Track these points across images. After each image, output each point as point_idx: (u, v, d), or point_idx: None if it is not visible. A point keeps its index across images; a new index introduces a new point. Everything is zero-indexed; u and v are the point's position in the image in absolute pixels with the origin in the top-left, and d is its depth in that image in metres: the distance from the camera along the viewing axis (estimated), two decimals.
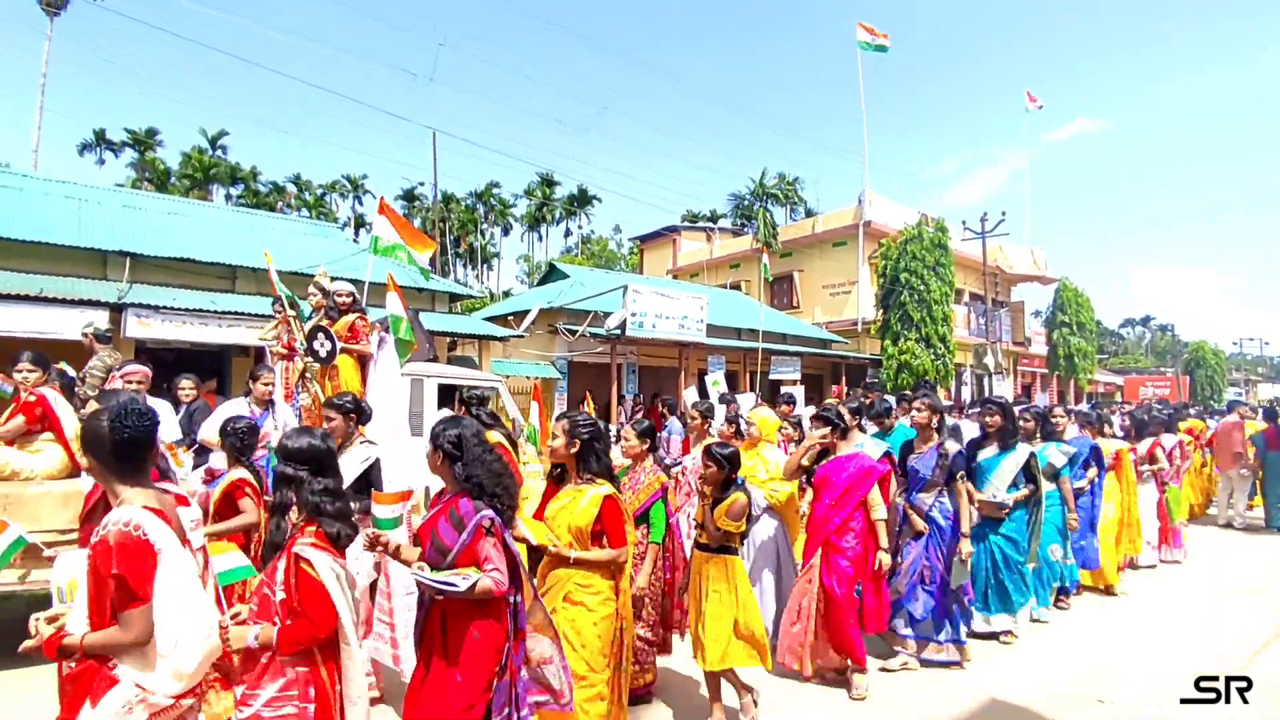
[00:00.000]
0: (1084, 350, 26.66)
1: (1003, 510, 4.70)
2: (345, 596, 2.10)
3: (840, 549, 4.04)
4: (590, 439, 3.10)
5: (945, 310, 19.57)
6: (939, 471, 4.36)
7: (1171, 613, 5.64)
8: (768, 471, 4.63)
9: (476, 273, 51.41)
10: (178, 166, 42.87)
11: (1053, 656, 4.57)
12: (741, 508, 3.51)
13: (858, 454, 4.19)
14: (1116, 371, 44.23)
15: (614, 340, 14.78)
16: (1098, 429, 6.52)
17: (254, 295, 12.16)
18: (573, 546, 2.98)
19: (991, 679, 4.17)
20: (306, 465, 2.23)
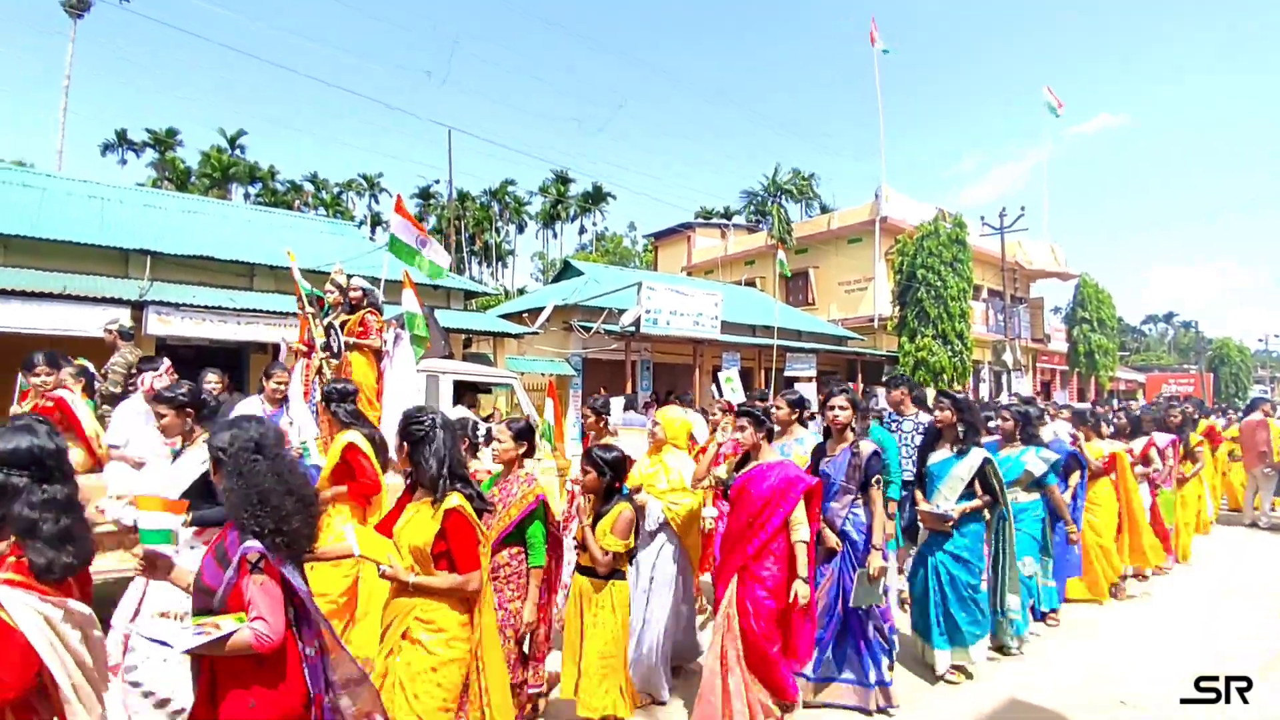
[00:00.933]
0: (1105, 347, 26.28)
1: (946, 523, 4.02)
2: (62, 645, 1.65)
3: (759, 577, 3.34)
4: (422, 439, 2.51)
5: (963, 307, 19.37)
6: (852, 476, 3.73)
7: (1187, 613, 5.52)
8: (669, 481, 3.92)
9: (491, 270, 51.60)
10: (197, 166, 43.36)
11: (1069, 656, 4.50)
12: (628, 522, 3.12)
13: (782, 462, 3.51)
14: (1138, 369, 43.56)
15: (628, 337, 14.77)
16: (1093, 429, 6.18)
17: (271, 293, 12.28)
18: (414, 569, 2.44)
19: (1008, 679, 4.11)
20: (26, 471, 1.77)
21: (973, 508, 4.08)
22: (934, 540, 4.17)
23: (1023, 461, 4.76)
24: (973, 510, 4.09)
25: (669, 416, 4.20)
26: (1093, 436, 6.14)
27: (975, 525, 4.14)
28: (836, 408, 3.82)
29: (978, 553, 4.12)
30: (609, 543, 3.15)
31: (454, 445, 2.54)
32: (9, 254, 10.80)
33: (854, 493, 3.74)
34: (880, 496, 3.73)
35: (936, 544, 4.14)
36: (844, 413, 3.80)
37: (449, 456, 2.48)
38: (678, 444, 4.14)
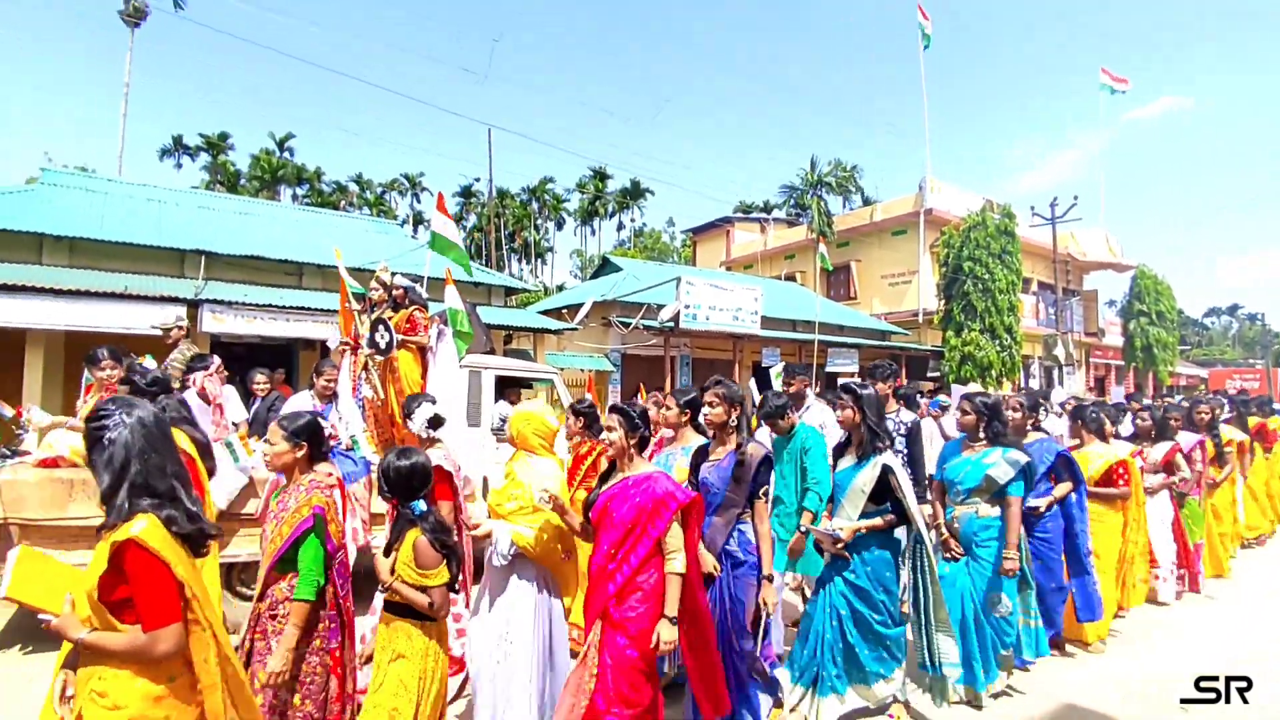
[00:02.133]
0: (1164, 341, 25.23)
1: (837, 545, 3.34)
2: None
3: (620, 623, 2.63)
4: (96, 442, 1.82)
5: (1012, 300, 18.81)
6: (736, 487, 3.10)
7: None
8: (517, 498, 3.11)
9: (530, 267, 52.09)
10: (247, 169, 44.75)
11: (1129, 665, 4.31)
12: (430, 557, 2.46)
13: (650, 476, 2.77)
14: (1200, 363, 41.73)
15: (667, 333, 14.73)
16: (1093, 429, 5.00)
17: (319, 291, 12.59)
18: (90, 623, 1.75)
19: (1063, 679, 3.96)
20: None
21: (871, 526, 3.36)
22: (832, 567, 3.48)
23: (985, 465, 3.75)
24: (874, 530, 3.38)
25: (523, 412, 3.29)
26: (1090, 439, 4.96)
27: (879, 550, 3.40)
28: (708, 404, 3.19)
29: (884, 582, 3.37)
30: (408, 574, 2.50)
31: (151, 447, 1.84)
32: (74, 255, 11.30)
33: (740, 506, 3.11)
34: (766, 512, 3.12)
35: (834, 572, 3.46)
36: (715, 409, 3.17)
37: (136, 464, 1.80)
38: (534, 449, 3.25)
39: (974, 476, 3.77)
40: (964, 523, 3.81)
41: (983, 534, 3.73)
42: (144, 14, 28.44)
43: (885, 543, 3.44)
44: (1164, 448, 5.66)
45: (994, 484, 3.71)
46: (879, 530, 3.38)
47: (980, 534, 3.73)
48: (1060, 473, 4.30)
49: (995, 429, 3.84)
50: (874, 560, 3.39)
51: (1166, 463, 5.62)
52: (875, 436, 3.43)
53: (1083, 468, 4.56)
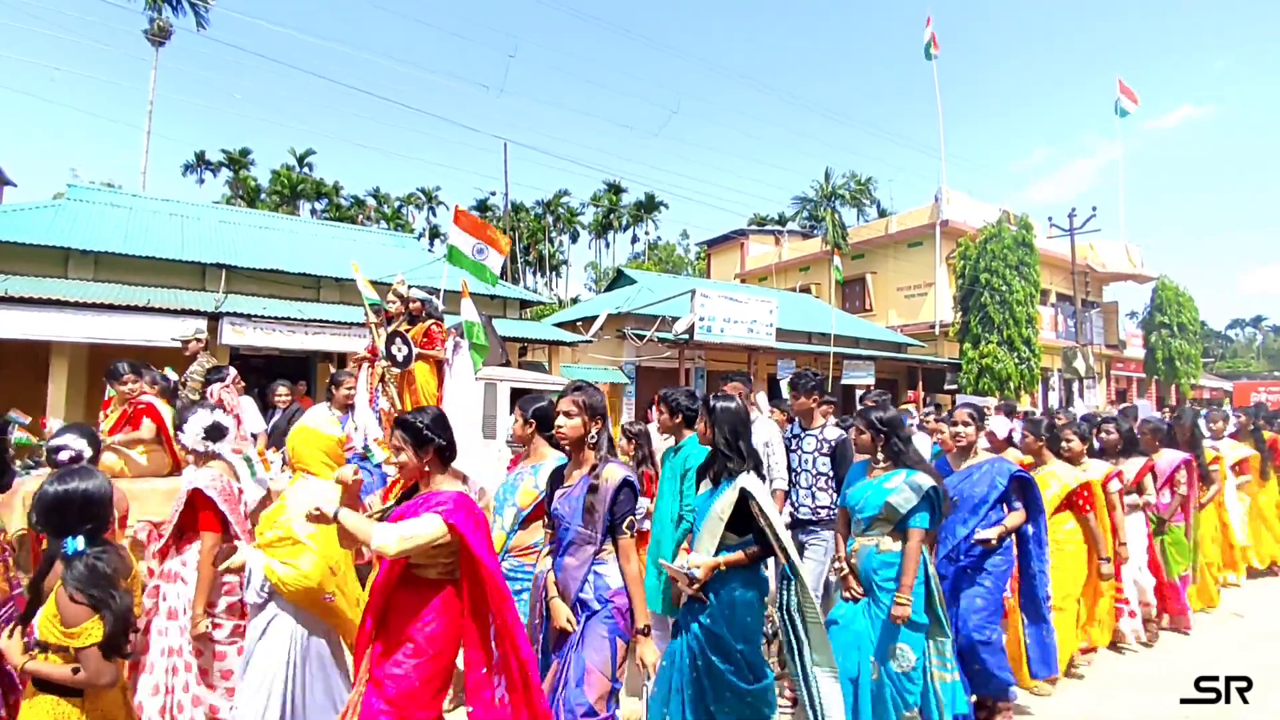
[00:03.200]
0: (1186, 353, 24.82)
1: (693, 586, 2.73)
2: None
3: (380, 681, 2.22)
4: None
5: (1030, 312, 18.61)
6: (590, 518, 2.57)
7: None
8: (282, 526, 2.73)
9: (545, 280, 52.36)
10: (268, 183, 45.50)
11: (1155, 689, 4.20)
12: (72, 611, 1.91)
13: (439, 493, 2.34)
14: (1225, 376, 41.00)
15: (682, 345, 14.72)
16: (1046, 443, 4.36)
17: (337, 304, 12.72)
18: None
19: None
20: None
21: (730, 562, 2.75)
22: (688, 610, 2.85)
23: (885, 490, 3.15)
24: (736, 566, 2.77)
25: (302, 428, 2.93)
26: (1048, 457, 4.33)
27: (740, 590, 2.77)
28: (562, 414, 2.62)
29: (744, 630, 2.75)
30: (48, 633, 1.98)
31: None
32: (99, 269, 11.51)
33: (595, 543, 2.54)
34: (632, 548, 2.54)
35: (690, 615, 2.82)
36: (568, 421, 2.59)
37: None
38: (311, 469, 2.86)
39: (874, 503, 3.18)
40: (863, 558, 3.21)
41: (884, 572, 3.12)
42: (168, 33, 29.10)
43: (748, 581, 2.81)
44: (1136, 466, 4.98)
45: (895, 513, 3.10)
46: (742, 566, 2.78)
47: (881, 572, 3.13)
48: (1013, 498, 3.64)
49: (894, 447, 3.24)
50: (732, 603, 2.75)
51: (1138, 483, 4.96)
52: (729, 456, 2.84)
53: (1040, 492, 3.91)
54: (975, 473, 3.69)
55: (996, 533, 3.53)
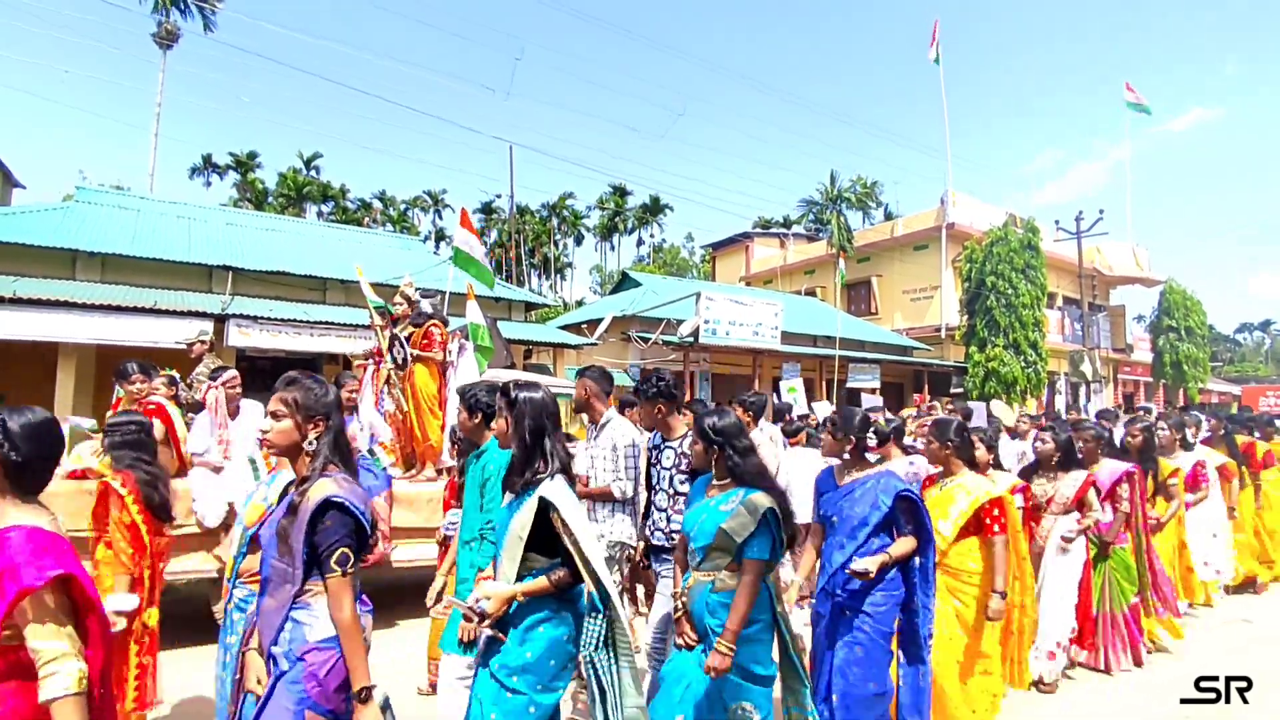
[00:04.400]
0: (1194, 357, 24.69)
1: (484, 622, 2.22)
2: None
3: None
4: None
5: (1036, 315, 18.54)
6: (282, 548, 1.97)
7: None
8: None
9: (550, 283, 52.44)
10: (275, 186, 45.72)
11: (1158, 697, 4.15)
12: None
13: None
14: (1233, 380, 40.74)
15: (687, 348, 14.71)
16: (964, 456, 3.57)
17: (342, 306, 12.75)
18: None
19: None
20: None
21: (532, 591, 2.21)
22: (486, 652, 2.34)
23: (721, 513, 2.53)
24: (537, 596, 2.23)
25: None
26: (958, 467, 3.53)
27: (543, 628, 2.24)
28: (270, 416, 2.02)
29: (540, 675, 2.22)
30: None
31: None
32: (106, 271, 11.57)
33: (295, 580, 1.88)
34: (345, 589, 1.86)
35: (486, 658, 2.32)
36: (279, 425, 1.98)
37: None
38: None
39: (706, 530, 2.56)
40: (695, 596, 2.57)
41: (721, 614, 2.48)
42: (176, 36, 29.27)
43: (554, 616, 2.26)
44: (1075, 480, 4.21)
45: (730, 541, 2.49)
46: (548, 596, 2.24)
47: (718, 613, 2.49)
48: (901, 522, 2.98)
49: (730, 461, 2.60)
50: (531, 640, 2.23)
51: (1079, 500, 4.15)
52: (530, 460, 2.31)
53: (943, 510, 3.38)
54: (858, 488, 3.03)
55: (876, 563, 2.82)
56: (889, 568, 2.90)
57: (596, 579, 2.27)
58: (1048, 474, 4.33)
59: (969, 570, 3.36)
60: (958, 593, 3.36)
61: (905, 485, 3.04)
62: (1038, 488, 4.28)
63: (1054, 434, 4.40)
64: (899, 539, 2.96)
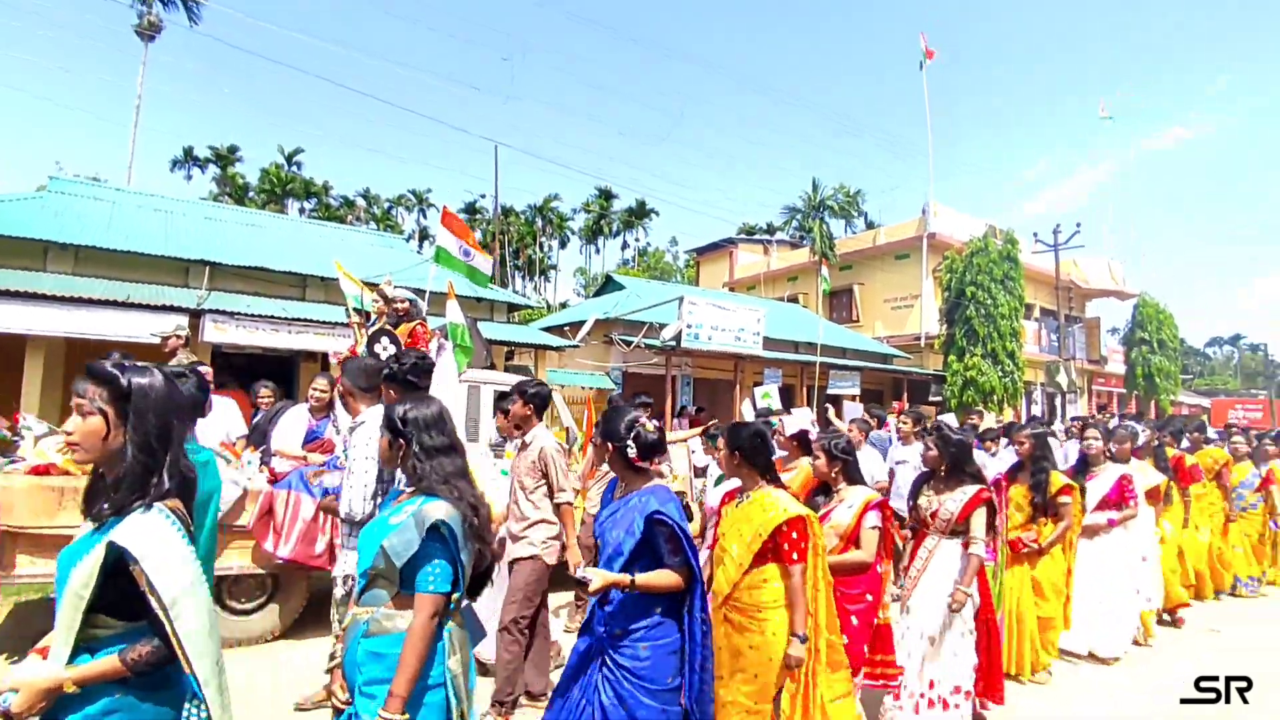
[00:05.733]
0: (1166, 370, 25.16)
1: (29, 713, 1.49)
2: None
3: None
4: None
5: (1014, 326, 18.79)
6: None
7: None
8: None
9: (534, 284, 52.33)
10: (256, 182, 45.21)
11: (1133, 706, 4.22)
12: None
13: None
14: (1203, 393, 41.56)
15: (669, 352, 14.71)
16: (747, 459, 2.88)
17: (322, 303, 12.61)
18: None
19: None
20: None
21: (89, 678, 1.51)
22: None
23: (388, 528, 1.94)
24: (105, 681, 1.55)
25: None
26: (755, 480, 2.90)
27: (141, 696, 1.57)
28: None
29: None
30: None
31: None
32: (79, 263, 11.34)
33: None
34: None
35: None
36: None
37: None
38: None
39: (368, 552, 1.97)
40: (349, 639, 1.96)
41: (371, 667, 1.86)
42: (159, 28, 28.85)
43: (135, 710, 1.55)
44: (963, 496, 3.61)
45: (391, 565, 1.87)
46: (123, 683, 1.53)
47: (368, 666, 1.87)
48: (667, 552, 2.32)
49: (412, 462, 2.02)
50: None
51: (964, 518, 3.56)
52: (135, 483, 1.58)
53: (737, 532, 2.81)
54: (621, 509, 2.41)
55: (603, 578, 2.19)
56: (624, 589, 2.25)
57: (185, 655, 1.51)
58: (938, 485, 3.71)
59: (761, 604, 2.70)
60: (745, 630, 2.71)
61: (657, 508, 2.29)
62: (924, 500, 3.72)
63: (940, 439, 3.72)
64: (667, 568, 2.30)
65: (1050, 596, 4.36)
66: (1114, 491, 4.86)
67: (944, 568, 3.55)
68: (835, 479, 3.46)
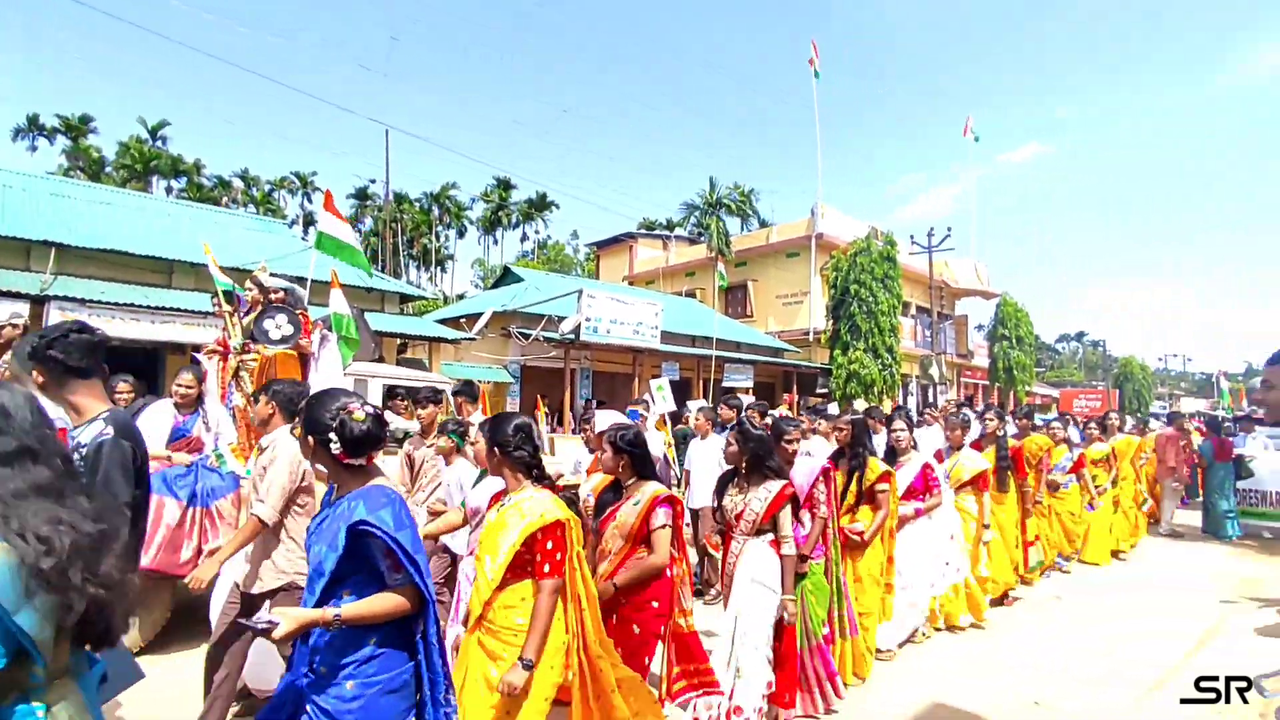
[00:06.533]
0: (1022, 363, 27.71)
1: None
2: None
3: None
4: None
5: (893, 322, 20.09)
6: None
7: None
8: None
9: (429, 275, 50.60)
10: (114, 156, 41.07)
11: (988, 660, 4.68)
12: None
13: None
14: (1053, 384, 46.12)
15: (568, 345, 14.70)
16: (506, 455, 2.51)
17: (191, 291, 11.70)
18: None
19: (930, 684, 4.25)
20: None
21: None
22: None
23: None
24: None
25: None
26: (516, 479, 2.50)
27: None
28: None
29: None
30: None
31: None
32: None
33: None
34: None
35: None
36: None
37: None
38: None
39: None
40: None
41: None
42: None
43: None
44: (768, 493, 3.33)
45: None
46: None
47: None
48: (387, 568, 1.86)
49: None
50: None
51: (770, 517, 3.30)
52: None
53: (493, 542, 2.39)
54: (329, 517, 1.94)
55: (295, 621, 1.73)
56: (329, 627, 1.79)
57: None
58: (741, 484, 3.43)
59: (518, 628, 2.30)
60: (497, 658, 2.31)
61: (368, 515, 1.83)
62: (729, 501, 3.45)
63: (740, 435, 3.42)
64: (379, 594, 1.84)
65: (869, 588, 4.19)
66: (919, 480, 4.77)
67: (751, 570, 3.30)
68: (624, 473, 3.07)
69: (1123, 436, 8.80)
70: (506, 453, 2.46)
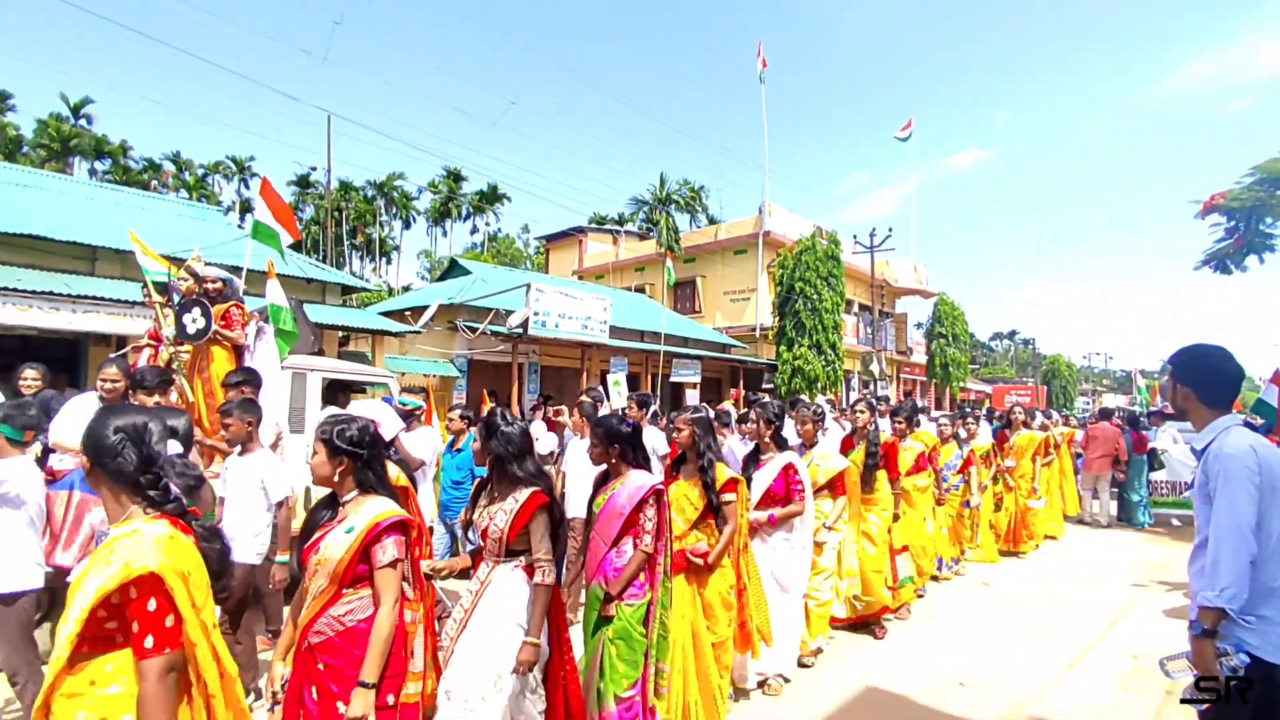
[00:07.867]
0: (958, 360, 28.80)
1: None
2: None
3: None
4: None
5: (836, 319, 20.61)
6: None
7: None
8: None
9: (374, 266, 49.38)
10: (32, 135, 38.67)
11: (918, 648, 4.92)
12: None
13: None
14: (986, 381, 48.08)
15: (515, 339, 14.60)
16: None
17: (118, 279, 11.18)
18: None
19: (861, 671, 4.44)
20: None
21: None
22: None
23: None
24: None
25: None
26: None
27: None
28: None
29: None
30: None
31: None
32: None
33: None
34: None
35: None
36: None
37: None
38: None
39: None
40: None
41: None
42: None
43: None
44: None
45: None
46: None
47: None
48: None
49: None
50: None
51: None
52: None
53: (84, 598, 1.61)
54: None
55: None
56: None
57: None
58: (490, 494, 2.80)
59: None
60: None
61: None
62: (477, 514, 2.81)
63: (485, 429, 2.77)
64: None
65: (719, 615, 3.44)
66: (778, 483, 4.09)
67: (495, 604, 2.60)
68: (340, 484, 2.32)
69: (1025, 433, 8.74)
70: (103, 464, 1.68)
